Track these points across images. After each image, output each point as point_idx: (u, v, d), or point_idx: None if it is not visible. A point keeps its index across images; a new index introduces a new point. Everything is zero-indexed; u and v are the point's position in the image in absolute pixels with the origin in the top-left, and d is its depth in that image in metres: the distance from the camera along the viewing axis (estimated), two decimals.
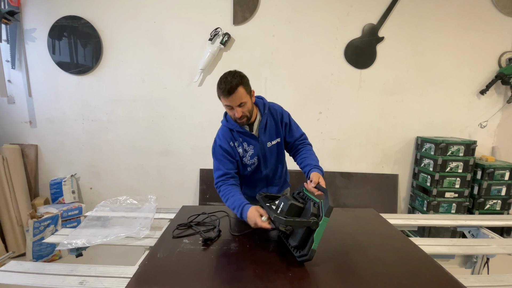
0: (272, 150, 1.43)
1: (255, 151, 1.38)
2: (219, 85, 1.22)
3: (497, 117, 2.81)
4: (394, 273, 0.99)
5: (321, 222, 0.98)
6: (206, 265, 1.03)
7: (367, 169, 2.94)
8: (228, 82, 1.18)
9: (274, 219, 1.00)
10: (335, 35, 2.69)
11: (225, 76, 1.21)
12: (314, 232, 0.98)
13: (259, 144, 1.38)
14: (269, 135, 1.39)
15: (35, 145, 2.91)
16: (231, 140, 1.37)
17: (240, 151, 1.38)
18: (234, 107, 1.23)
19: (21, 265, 1.10)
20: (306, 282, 0.93)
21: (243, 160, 1.40)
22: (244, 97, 1.22)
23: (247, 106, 1.25)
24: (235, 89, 1.19)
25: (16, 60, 2.77)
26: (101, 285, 0.96)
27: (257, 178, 1.49)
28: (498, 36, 2.66)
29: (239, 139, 1.37)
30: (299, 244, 1.03)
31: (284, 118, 1.43)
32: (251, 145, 1.37)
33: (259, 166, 1.43)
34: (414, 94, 2.79)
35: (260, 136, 1.37)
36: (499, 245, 1.31)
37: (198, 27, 2.67)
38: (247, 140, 1.37)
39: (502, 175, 2.54)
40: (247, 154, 1.38)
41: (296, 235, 1.05)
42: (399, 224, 1.55)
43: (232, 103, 1.22)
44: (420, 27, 2.66)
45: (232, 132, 1.37)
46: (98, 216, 1.50)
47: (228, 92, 1.18)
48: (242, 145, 1.37)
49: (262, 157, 1.41)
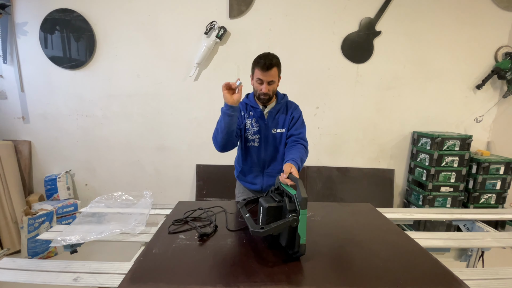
0: (275, 137, 1.51)
1: (259, 130, 1.49)
2: (258, 60, 1.34)
3: (493, 111, 2.82)
4: (389, 266, 0.99)
5: (300, 217, 0.96)
6: (202, 261, 1.02)
7: (364, 164, 2.94)
8: (268, 59, 1.32)
9: (252, 233, 0.98)
10: (332, 29, 2.67)
11: (266, 54, 1.35)
12: (298, 228, 0.97)
13: (264, 125, 1.48)
14: (276, 122, 1.49)
15: (28, 141, 2.87)
16: (244, 110, 1.51)
17: (248, 122, 1.50)
18: (264, 83, 1.36)
19: (14, 262, 1.08)
20: (303, 276, 0.93)
21: (247, 132, 1.51)
22: (275, 77, 1.38)
23: (273, 86, 1.40)
24: (273, 67, 1.33)
25: (8, 54, 2.71)
26: (96, 282, 0.95)
27: (254, 161, 1.56)
28: (494, 30, 2.66)
29: (250, 113, 1.50)
30: (288, 243, 1.01)
31: (295, 112, 1.52)
32: (257, 123, 1.49)
33: (260, 147, 1.52)
34: (411, 88, 2.79)
35: (268, 118, 1.48)
36: (494, 239, 1.32)
37: (193, 20, 2.63)
38: (256, 116, 1.49)
39: (497, 170, 2.56)
40: (252, 129, 1.50)
41: (283, 235, 1.04)
42: (395, 218, 1.55)
43: (265, 78, 1.35)
44: (417, 21, 2.65)
45: (247, 106, 1.51)
46: (93, 213, 1.49)
47: (267, 67, 1.32)
48: (251, 119, 1.49)
49: (264, 138, 1.51)
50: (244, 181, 1.67)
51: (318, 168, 2.91)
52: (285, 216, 0.99)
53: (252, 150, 1.54)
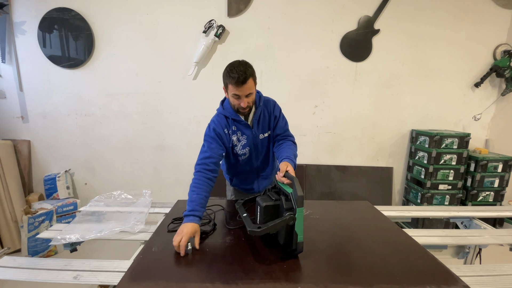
0: (263, 143, 1.45)
1: (248, 141, 1.40)
2: (229, 74, 1.19)
3: (491, 110, 2.83)
4: (387, 263, 1.00)
5: (297, 215, 0.96)
6: (201, 258, 1.03)
7: (362, 162, 2.95)
8: (241, 72, 1.17)
9: (250, 233, 0.99)
10: (331, 27, 2.67)
11: (237, 65, 1.20)
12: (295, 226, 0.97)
13: (252, 134, 1.40)
14: (262, 127, 1.41)
15: (27, 140, 2.87)
16: (225, 127, 1.37)
17: (234, 139, 1.39)
18: (241, 97, 1.23)
19: (15, 261, 1.09)
20: (300, 273, 0.94)
21: (235, 149, 1.41)
22: (252, 88, 1.25)
23: (252, 97, 1.28)
24: (247, 80, 1.19)
25: (6, 53, 2.70)
26: (96, 280, 0.96)
27: (248, 170, 1.51)
28: (493, 28, 2.66)
29: (233, 128, 1.37)
30: (286, 241, 1.02)
31: (275, 110, 1.43)
32: (244, 135, 1.39)
33: (251, 157, 1.45)
34: (409, 87, 2.80)
35: (254, 127, 1.39)
36: (491, 236, 1.33)
37: (191, 19, 2.62)
38: (241, 129, 1.38)
39: (495, 167, 2.57)
40: (239, 144, 1.40)
41: (280, 234, 1.05)
42: (393, 215, 1.56)
43: (241, 93, 1.22)
44: (416, 19, 2.65)
45: (228, 120, 1.37)
46: (92, 211, 1.49)
47: (241, 82, 1.18)
48: (236, 134, 1.38)
49: (254, 148, 1.43)
50: (239, 187, 1.64)
51: (317, 167, 2.92)
52: (282, 215, 1.00)
53: (244, 162, 1.47)
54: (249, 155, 1.45)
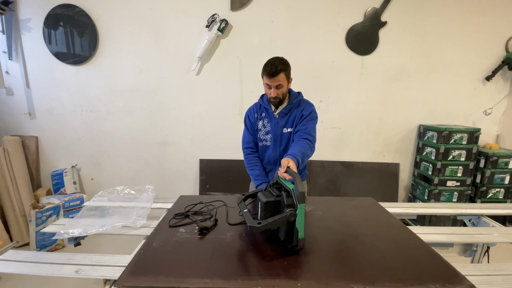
0: (286, 136, 1.55)
1: (271, 129, 1.56)
2: (265, 67, 1.41)
3: (503, 104, 2.74)
4: (389, 261, 0.98)
5: (298, 211, 0.95)
6: (202, 254, 1.03)
7: (368, 158, 2.91)
8: (274, 66, 1.37)
9: (250, 229, 0.98)
10: (336, 20, 2.61)
11: (273, 59, 1.40)
12: (296, 222, 0.96)
13: (274, 125, 1.55)
14: (287, 122, 1.53)
15: (35, 136, 2.92)
16: (256, 112, 1.60)
17: (260, 124, 1.59)
18: (272, 87, 1.43)
19: (19, 254, 1.10)
20: (301, 269, 0.93)
21: (259, 133, 1.60)
22: (282, 81, 1.42)
23: (282, 90, 1.45)
24: (278, 73, 1.38)
25: (13, 50, 2.74)
26: (97, 274, 0.96)
27: (267, 159, 1.62)
28: (505, 19, 2.56)
29: (262, 114, 1.59)
30: (286, 238, 1.01)
31: (305, 110, 1.52)
32: (269, 123, 1.57)
33: (271, 146, 1.58)
34: (418, 81, 2.73)
35: (278, 118, 1.54)
36: (500, 234, 1.30)
37: (194, 13, 2.60)
38: (268, 117, 1.57)
39: (506, 163, 2.50)
40: (264, 129, 1.58)
41: (281, 230, 1.04)
42: (398, 212, 1.53)
43: (272, 83, 1.41)
44: (424, 11, 2.57)
45: (261, 106, 1.60)
46: (96, 206, 1.51)
47: (271, 75, 1.38)
48: (263, 120, 1.58)
49: (274, 138, 1.57)
50: None
51: (322, 163, 2.89)
52: (283, 211, 0.99)
53: (265, 149, 1.61)
54: (270, 143, 1.59)
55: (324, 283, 0.86)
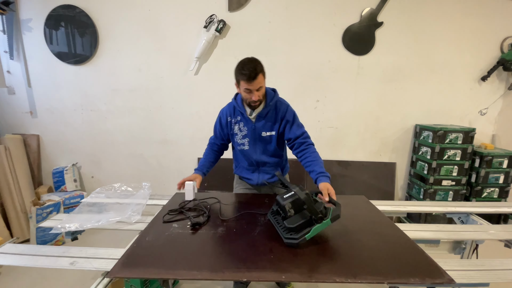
0: (265, 140, 1.51)
1: (248, 133, 1.50)
2: (240, 71, 1.30)
3: (498, 104, 2.75)
4: (373, 256, 1.01)
5: (325, 221, 1.07)
6: (192, 248, 1.06)
7: (365, 157, 2.93)
8: (252, 69, 1.28)
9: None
10: (333, 20, 2.64)
11: (247, 62, 1.31)
12: (314, 224, 1.06)
13: (252, 129, 1.48)
14: (265, 125, 1.47)
15: (36, 135, 2.97)
16: (230, 115, 1.52)
17: (236, 128, 1.52)
18: (253, 91, 1.33)
19: (17, 247, 1.15)
20: (287, 263, 0.96)
21: (235, 137, 1.53)
22: (262, 82, 1.34)
23: (262, 90, 1.38)
24: (257, 75, 1.29)
25: (14, 50, 2.79)
26: (91, 266, 1.00)
27: (247, 161, 1.60)
28: (500, 20, 2.57)
29: (237, 117, 1.50)
30: (294, 227, 1.06)
31: (287, 115, 1.47)
32: (245, 127, 1.49)
33: (250, 149, 1.53)
34: (414, 81, 2.74)
35: (256, 122, 1.46)
36: (486, 231, 1.32)
37: (193, 14, 2.64)
38: (244, 120, 1.49)
39: (500, 163, 2.51)
40: (240, 133, 1.51)
41: (294, 220, 1.09)
42: (389, 210, 1.56)
43: (252, 87, 1.32)
44: (420, 11, 2.59)
45: (235, 110, 1.51)
46: (93, 202, 1.55)
47: (252, 78, 1.29)
48: (239, 124, 1.50)
49: (253, 141, 1.51)
50: (240, 175, 1.72)
51: None
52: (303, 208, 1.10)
53: (244, 153, 1.56)
54: (249, 147, 1.53)
55: (308, 276, 0.89)
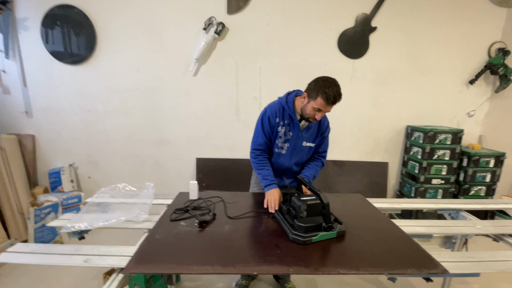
0: (303, 150, 1.54)
1: (291, 139, 1.49)
2: (325, 89, 1.25)
3: (485, 106, 2.89)
4: (373, 249, 1.08)
5: (333, 232, 1.15)
6: (202, 245, 1.11)
7: (359, 157, 3.03)
8: (336, 94, 1.26)
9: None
10: (329, 24, 2.72)
11: (332, 83, 1.28)
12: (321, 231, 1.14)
13: (298, 136, 1.48)
14: (309, 136, 1.51)
15: (32, 135, 2.94)
16: (278, 116, 1.46)
17: (281, 130, 1.47)
18: (322, 112, 1.32)
19: (28, 247, 1.17)
20: (293, 258, 1.02)
21: (277, 140, 1.50)
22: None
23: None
24: (337, 102, 1.29)
25: (10, 49, 2.75)
26: (105, 263, 1.04)
27: (277, 165, 1.59)
28: (488, 26, 2.71)
29: (286, 121, 1.46)
30: (305, 227, 1.13)
31: (326, 131, 1.56)
32: (291, 132, 1.48)
33: (286, 155, 1.54)
34: (406, 83, 2.85)
35: (303, 131, 1.48)
36: (475, 226, 1.41)
37: (192, 16, 2.67)
38: (291, 125, 1.47)
39: (487, 163, 2.64)
40: (283, 137, 1.49)
41: (305, 221, 1.16)
42: (384, 207, 1.64)
43: (325, 110, 1.31)
44: (412, 17, 2.70)
45: (284, 112, 1.46)
46: (98, 202, 1.57)
47: (332, 102, 1.28)
48: (286, 128, 1.47)
49: (291, 148, 1.52)
50: None
51: None
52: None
53: (277, 156, 1.55)
54: (286, 153, 1.53)
55: (314, 269, 0.95)
